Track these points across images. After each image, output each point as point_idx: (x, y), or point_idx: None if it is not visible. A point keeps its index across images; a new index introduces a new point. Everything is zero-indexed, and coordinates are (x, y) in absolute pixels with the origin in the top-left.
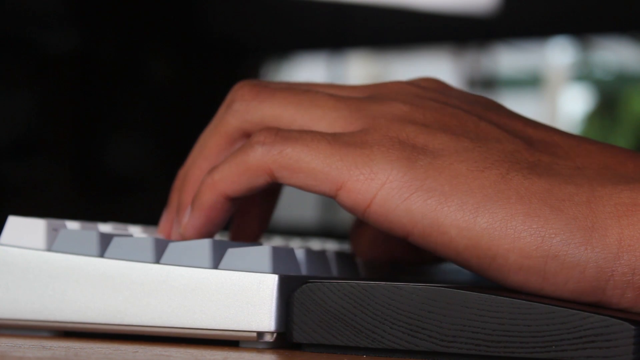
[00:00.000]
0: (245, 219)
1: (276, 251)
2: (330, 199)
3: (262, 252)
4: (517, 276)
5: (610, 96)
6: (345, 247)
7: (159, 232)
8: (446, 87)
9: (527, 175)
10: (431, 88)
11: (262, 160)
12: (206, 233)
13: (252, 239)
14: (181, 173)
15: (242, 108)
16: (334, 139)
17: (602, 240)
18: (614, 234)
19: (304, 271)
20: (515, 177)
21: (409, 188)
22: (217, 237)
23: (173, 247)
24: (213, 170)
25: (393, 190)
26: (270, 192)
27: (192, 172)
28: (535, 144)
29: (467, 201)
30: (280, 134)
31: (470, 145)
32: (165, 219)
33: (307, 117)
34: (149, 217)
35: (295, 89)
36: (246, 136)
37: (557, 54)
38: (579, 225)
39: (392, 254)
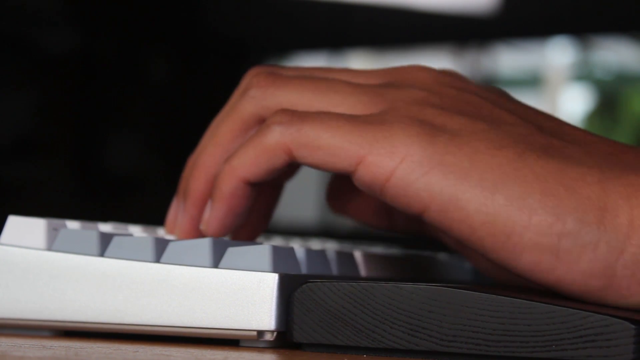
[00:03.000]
0: (247, 219)
1: (276, 250)
2: None
3: (263, 251)
4: (531, 255)
5: (610, 96)
6: (346, 246)
7: (167, 221)
8: (462, 77)
9: (541, 156)
10: (447, 75)
11: (280, 140)
12: (229, 225)
13: (253, 236)
14: (190, 160)
15: (259, 94)
16: (352, 117)
17: (613, 220)
18: (624, 214)
19: (304, 270)
20: (531, 156)
21: (429, 163)
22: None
23: (173, 247)
24: (231, 157)
25: (414, 164)
26: (272, 187)
27: (203, 159)
28: (546, 130)
29: (486, 178)
30: (297, 114)
31: (487, 127)
32: (173, 208)
33: (324, 103)
34: (149, 217)
35: (312, 76)
36: (261, 122)
37: (557, 54)
38: (592, 205)
39: (364, 215)
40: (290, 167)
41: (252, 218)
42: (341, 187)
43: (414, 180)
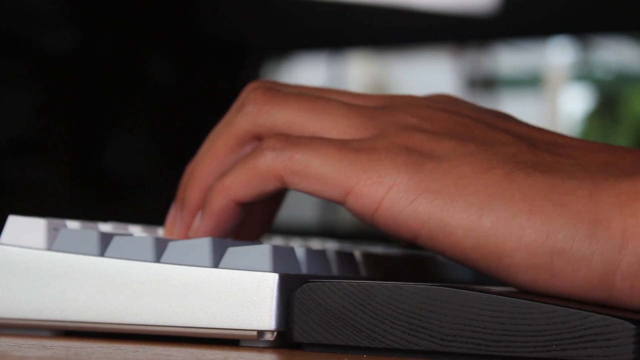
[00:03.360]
0: (248, 220)
1: (276, 250)
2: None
3: (263, 251)
4: (526, 275)
5: (610, 96)
6: (346, 246)
7: (166, 226)
8: (457, 100)
9: (530, 173)
10: (442, 100)
11: (272, 165)
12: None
13: (253, 239)
14: (189, 169)
15: (255, 111)
16: (342, 144)
17: (606, 231)
18: (617, 224)
19: (304, 270)
20: (519, 175)
21: (416, 190)
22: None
23: (173, 246)
24: (223, 176)
25: (400, 193)
26: (275, 195)
27: (200, 170)
28: (539, 145)
29: (472, 201)
30: (290, 139)
31: (476, 149)
32: (172, 214)
33: (319, 124)
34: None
35: (308, 96)
36: (256, 139)
37: (557, 54)
38: (582, 219)
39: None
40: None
41: (253, 223)
42: None
43: (402, 209)
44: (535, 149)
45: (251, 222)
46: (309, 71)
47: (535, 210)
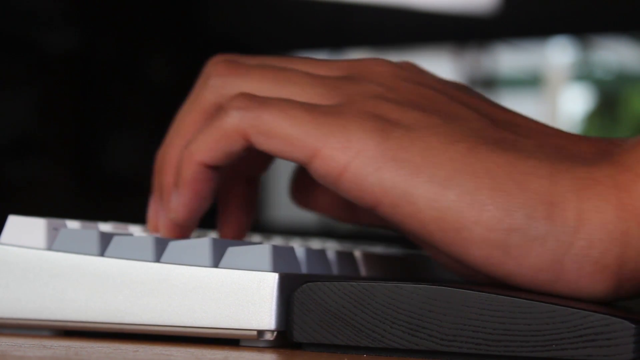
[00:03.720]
0: (230, 211)
1: (276, 250)
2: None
3: (263, 250)
4: (480, 250)
5: (610, 96)
6: (346, 246)
7: (149, 222)
8: (421, 71)
9: (493, 150)
10: (406, 68)
11: (238, 125)
12: (196, 209)
13: (241, 230)
14: (159, 155)
15: (219, 83)
16: (311, 107)
17: (562, 213)
18: (572, 207)
19: (304, 270)
20: (482, 151)
21: (383, 158)
22: (217, 236)
23: (173, 246)
24: (189, 142)
25: (367, 159)
26: (248, 182)
27: (169, 152)
28: (500, 124)
29: (436, 174)
30: (257, 99)
31: (440, 122)
32: (152, 207)
33: (282, 94)
34: None
35: (271, 67)
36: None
37: (557, 54)
38: (541, 200)
39: (328, 209)
40: (262, 160)
41: (234, 215)
42: (305, 181)
43: (367, 175)
44: (497, 126)
45: (234, 212)
46: None
47: (497, 187)
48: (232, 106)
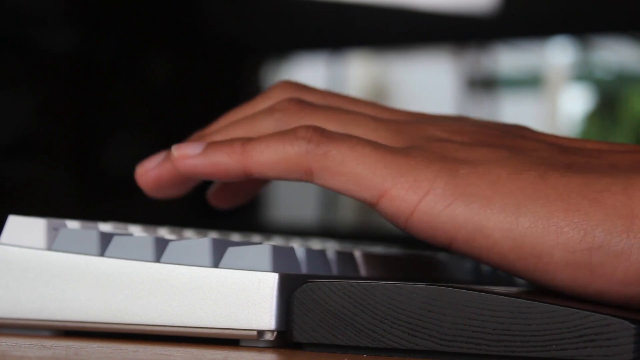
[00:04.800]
0: (230, 186)
1: (276, 250)
2: (330, 200)
3: (263, 250)
4: (565, 274)
5: (610, 96)
6: (346, 246)
7: (142, 164)
8: (482, 119)
9: (563, 174)
10: (466, 119)
11: (304, 157)
12: (184, 181)
13: (229, 207)
14: (224, 116)
15: (283, 119)
16: (378, 146)
17: None
18: None
19: (304, 270)
20: (553, 175)
21: (452, 195)
22: (217, 236)
23: (173, 246)
24: (254, 142)
25: (437, 197)
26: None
27: (233, 131)
28: (570, 150)
29: (508, 203)
30: (327, 133)
31: (508, 154)
32: (157, 156)
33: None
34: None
35: (337, 109)
36: None
37: (557, 54)
38: (618, 214)
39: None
40: None
41: (236, 189)
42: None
43: (438, 213)
44: (567, 152)
45: (234, 189)
46: (308, 71)
47: (571, 209)
48: (301, 136)
